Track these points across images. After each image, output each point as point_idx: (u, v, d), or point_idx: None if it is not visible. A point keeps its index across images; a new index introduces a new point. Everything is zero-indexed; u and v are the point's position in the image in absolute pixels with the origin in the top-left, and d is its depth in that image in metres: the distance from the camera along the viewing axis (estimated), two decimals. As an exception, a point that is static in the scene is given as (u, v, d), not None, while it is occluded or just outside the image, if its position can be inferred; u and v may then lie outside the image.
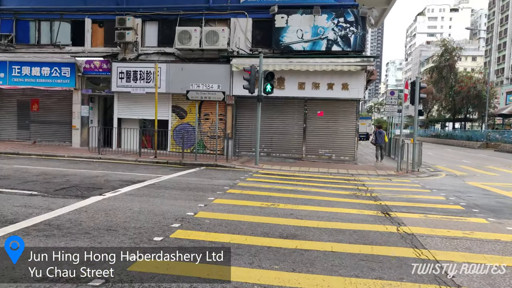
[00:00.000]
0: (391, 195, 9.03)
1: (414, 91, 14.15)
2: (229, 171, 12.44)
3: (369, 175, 13.10)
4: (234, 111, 16.83)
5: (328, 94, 15.98)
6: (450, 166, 17.92)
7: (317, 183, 10.57)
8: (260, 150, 16.13)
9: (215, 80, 16.51)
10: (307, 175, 12.54)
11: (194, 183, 9.34)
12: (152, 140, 16.50)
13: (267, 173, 12.51)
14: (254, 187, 9.25)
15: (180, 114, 17.37)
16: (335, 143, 16.34)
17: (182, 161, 13.98)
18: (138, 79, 16.91)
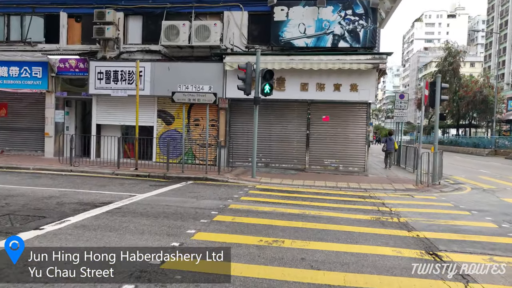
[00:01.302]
0: (425, 220, 7.07)
1: (435, 92, 12.28)
2: (221, 187, 10.45)
3: (385, 190, 11.15)
4: (228, 116, 14.89)
5: (335, 96, 14.07)
6: (469, 177, 16.02)
7: (327, 203, 8.60)
8: (258, 160, 14.15)
9: (206, 81, 14.58)
10: (313, 190, 10.56)
11: (174, 206, 7.33)
12: (135, 149, 14.51)
13: (265, 188, 10.53)
14: (250, 211, 7.25)
15: (166, 120, 15.40)
16: (343, 152, 14.39)
17: (166, 174, 11.98)
18: (119, 80, 14.94)
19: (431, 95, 12.38)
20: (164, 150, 14.66)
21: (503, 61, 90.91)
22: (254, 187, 10.60)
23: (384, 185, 12.04)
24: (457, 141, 43.92)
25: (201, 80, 14.58)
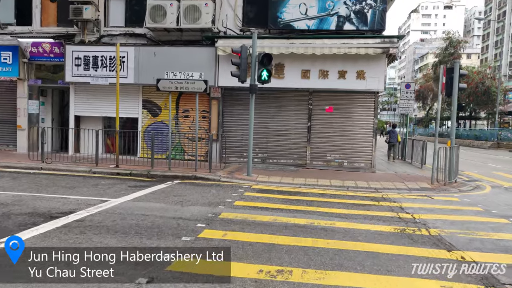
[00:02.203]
0: (461, 233, 5.75)
1: (452, 80, 10.93)
2: (212, 187, 9.07)
3: (398, 190, 9.84)
4: (221, 106, 13.44)
5: (339, 84, 12.67)
6: (482, 172, 14.81)
7: (337, 208, 7.25)
8: (254, 156, 12.77)
9: (196, 68, 13.06)
10: (318, 191, 9.22)
11: (152, 216, 5.94)
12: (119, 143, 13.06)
13: (263, 189, 9.16)
14: (246, 223, 5.88)
15: (153, 111, 13.92)
16: (348, 146, 13.04)
17: (150, 172, 10.56)
18: (99, 66, 13.40)
19: (448, 83, 11.03)
20: (150, 144, 13.23)
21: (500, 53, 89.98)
22: (250, 188, 9.23)
23: (395, 183, 10.73)
24: (458, 133, 42.73)
25: (191, 66, 13.08)
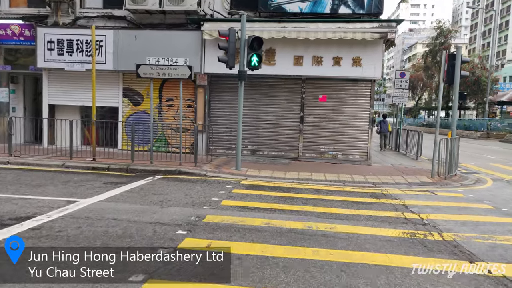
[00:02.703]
0: (478, 237, 5.08)
1: (454, 67, 10.26)
2: (197, 184, 8.25)
3: (398, 185, 9.18)
4: (207, 94, 12.55)
5: (334, 71, 11.89)
6: (479, 164, 14.32)
7: (335, 207, 6.53)
8: (243, 148, 11.98)
9: (181, 53, 12.14)
10: (313, 187, 8.49)
11: (125, 221, 5.11)
12: (98, 134, 12.12)
13: (253, 185, 8.39)
14: (234, 228, 5.10)
15: (134, 100, 12.95)
16: (342, 137, 12.32)
17: (130, 166, 9.67)
18: (75, 51, 12.34)
19: (450, 70, 10.35)
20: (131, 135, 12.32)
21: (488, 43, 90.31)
22: (239, 184, 8.44)
23: (394, 177, 10.08)
24: (448, 123, 42.63)
25: (175, 52, 12.14)
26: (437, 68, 43.36)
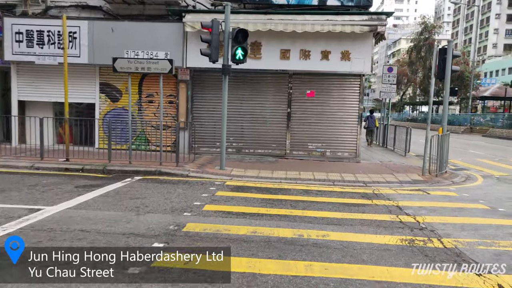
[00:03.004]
0: (480, 243, 4.72)
1: (445, 61, 9.96)
2: (178, 185, 7.71)
3: (389, 184, 8.83)
4: (190, 90, 11.96)
5: (322, 66, 11.46)
6: (466, 160, 14.20)
7: (327, 210, 6.10)
8: (228, 145, 11.48)
9: (161, 46, 11.54)
10: (301, 187, 8.05)
11: (94, 233, 4.56)
12: (74, 132, 11.44)
13: (239, 186, 7.89)
14: (217, 238, 4.61)
15: (112, 95, 12.25)
16: (331, 134, 11.92)
17: (106, 167, 9.05)
18: (46, 43, 11.55)
19: (441, 65, 10.04)
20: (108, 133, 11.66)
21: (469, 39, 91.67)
22: (223, 185, 7.93)
23: (384, 175, 9.73)
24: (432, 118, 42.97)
25: (155, 45, 11.52)
26: (422, 63, 43.67)
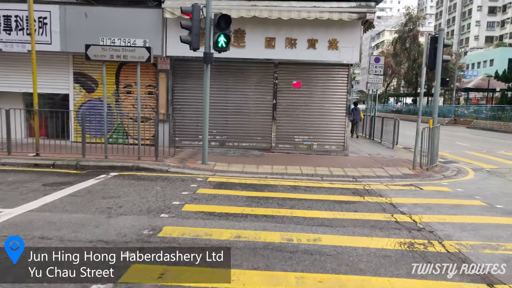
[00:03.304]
0: (486, 246, 4.36)
1: (436, 50, 9.61)
2: (157, 182, 7.16)
3: (379, 179, 8.48)
4: (170, 80, 11.32)
5: (309, 55, 10.97)
6: (454, 153, 14.02)
7: (316, 209, 5.68)
8: (211, 139, 10.95)
9: (140, 34, 10.85)
10: (288, 183, 7.61)
11: (56, 240, 4.00)
12: (49, 125, 10.72)
13: (222, 182, 7.39)
14: (196, 245, 4.11)
15: (87, 86, 11.51)
16: (318, 126, 11.50)
17: (80, 162, 8.41)
18: (14, 29, 10.72)
19: (431, 54, 9.69)
20: (85, 126, 10.96)
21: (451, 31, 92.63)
22: (205, 181, 7.42)
23: (374, 169, 9.38)
24: (416, 110, 43.15)
25: (133, 32, 10.82)
26: (406, 54, 43.67)
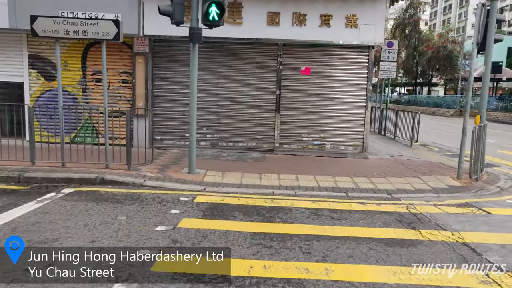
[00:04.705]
0: None
1: (487, 27, 7.56)
2: (124, 206, 5.07)
3: (420, 193, 6.50)
4: (150, 66, 9.15)
5: (322, 34, 8.87)
6: (488, 152, 12.04)
7: (365, 262, 3.67)
8: (201, 138, 8.88)
9: (110, 7, 8.64)
10: (306, 204, 5.58)
11: None
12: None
13: (215, 205, 5.33)
14: None
15: (46, 72, 9.30)
16: (331, 123, 9.45)
17: (24, 174, 6.27)
18: None
19: (484, 32, 7.61)
20: (44, 122, 8.82)
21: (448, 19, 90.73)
22: (192, 203, 5.36)
23: (408, 179, 7.39)
24: (416, 100, 41.40)
25: (102, 5, 8.61)
26: (405, 42, 41.60)
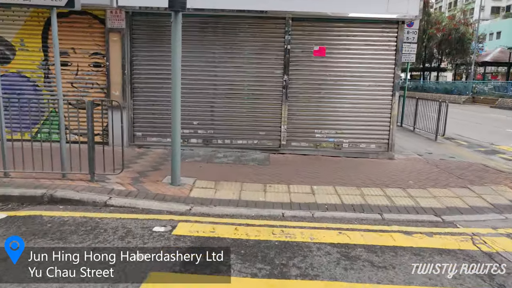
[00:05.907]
0: None
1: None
2: (66, 245, 3.44)
3: (481, 215, 4.88)
4: (127, 46, 7.39)
5: (340, 6, 7.09)
6: None
7: None
8: (191, 134, 7.22)
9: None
10: (330, 237, 3.95)
11: None
12: None
13: (202, 240, 3.69)
14: None
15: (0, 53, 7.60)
16: (350, 116, 7.74)
17: None
18: None
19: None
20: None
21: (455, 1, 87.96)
22: (168, 236, 3.73)
23: (454, 190, 5.75)
24: (424, 86, 39.45)
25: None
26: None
